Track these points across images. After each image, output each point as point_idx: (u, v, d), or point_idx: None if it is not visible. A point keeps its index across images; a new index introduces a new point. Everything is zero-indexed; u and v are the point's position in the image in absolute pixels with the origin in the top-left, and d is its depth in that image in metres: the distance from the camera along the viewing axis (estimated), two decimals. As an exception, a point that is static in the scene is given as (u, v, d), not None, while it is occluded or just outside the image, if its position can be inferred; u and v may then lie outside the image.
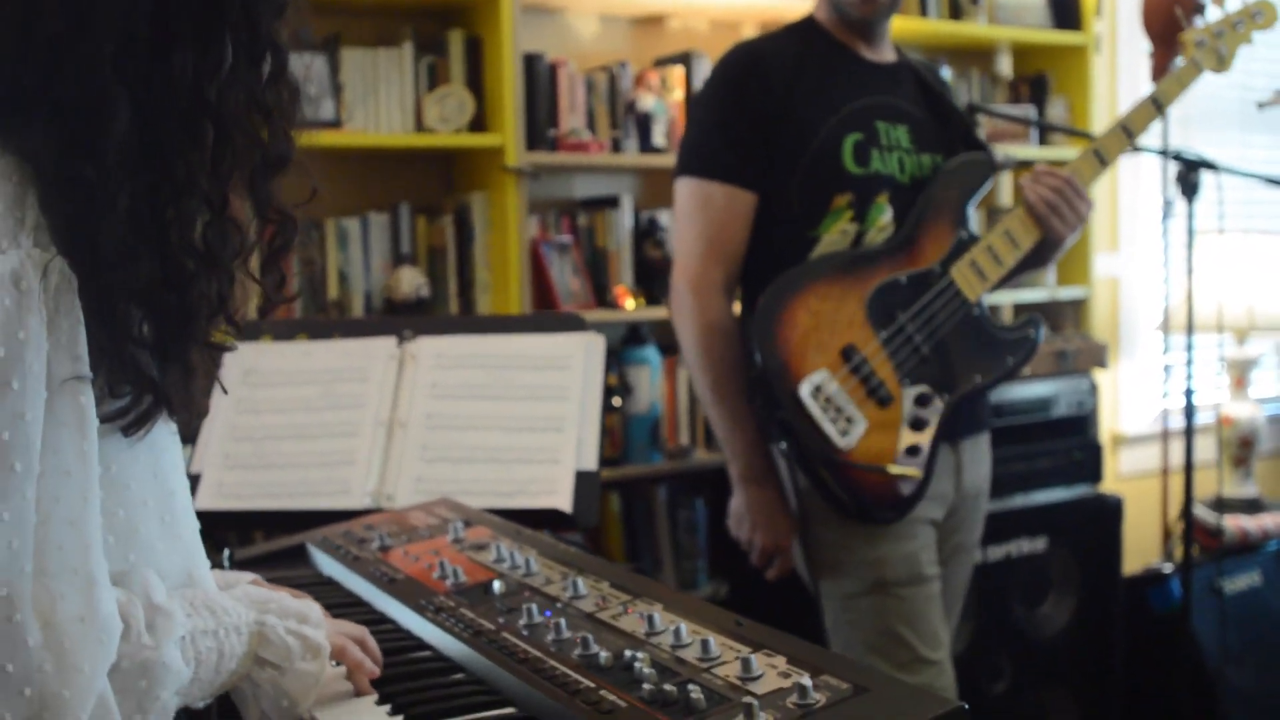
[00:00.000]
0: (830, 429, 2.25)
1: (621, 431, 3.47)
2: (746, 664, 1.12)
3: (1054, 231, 2.45)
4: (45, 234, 0.98)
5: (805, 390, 2.25)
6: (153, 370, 1.04)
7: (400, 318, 3.00)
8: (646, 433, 3.50)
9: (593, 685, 1.15)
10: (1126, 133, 2.52)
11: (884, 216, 2.41)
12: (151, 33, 1.00)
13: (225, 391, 1.17)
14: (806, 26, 2.50)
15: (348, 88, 3.14)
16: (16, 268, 0.96)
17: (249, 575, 1.37)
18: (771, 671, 1.12)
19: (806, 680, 1.06)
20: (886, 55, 2.51)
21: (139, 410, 1.04)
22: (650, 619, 1.26)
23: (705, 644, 1.18)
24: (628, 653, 1.19)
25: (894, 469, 2.27)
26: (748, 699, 1.05)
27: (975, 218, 2.52)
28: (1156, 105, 2.54)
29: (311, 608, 1.23)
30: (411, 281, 3.18)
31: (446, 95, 3.21)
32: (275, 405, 2.14)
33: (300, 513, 2.04)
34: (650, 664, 1.17)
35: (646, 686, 1.11)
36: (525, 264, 3.27)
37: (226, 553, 1.76)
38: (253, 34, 1.04)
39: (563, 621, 1.29)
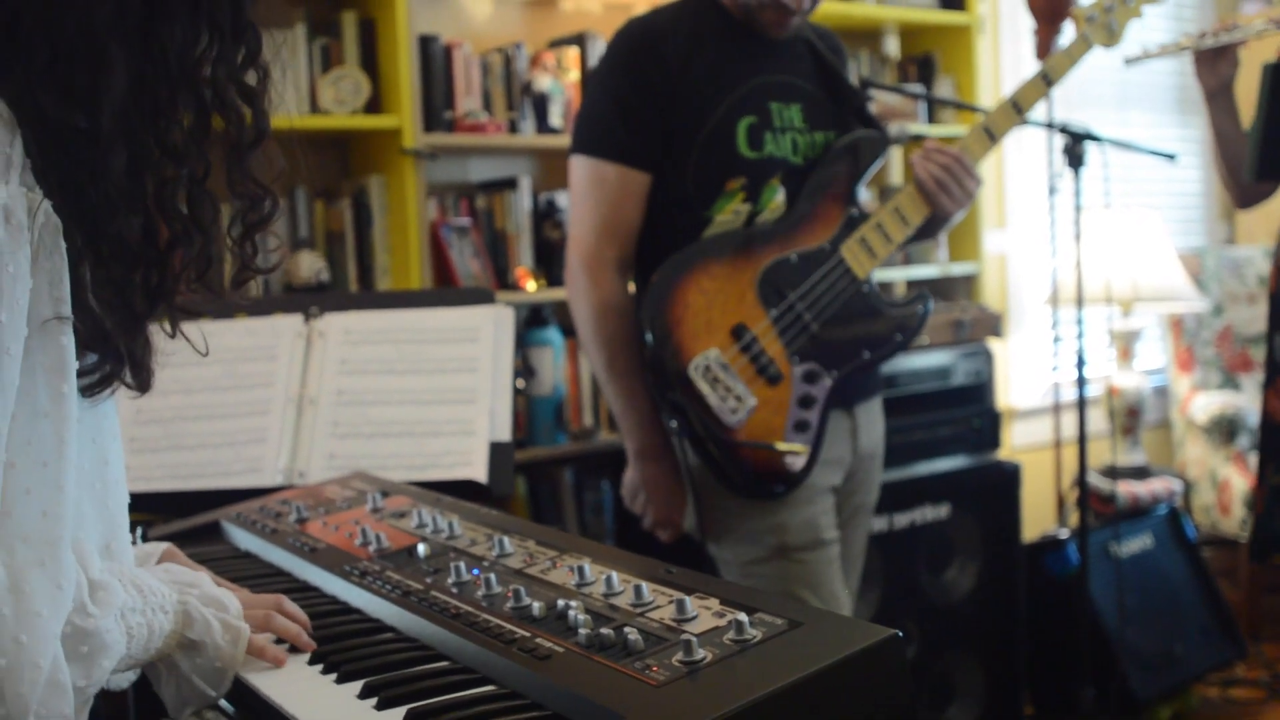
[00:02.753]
0: (720, 407, 2.27)
1: (525, 413, 3.47)
2: (681, 606, 1.13)
3: (942, 208, 2.47)
4: (30, 176, 0.97)
5: (695, 369, 2.27)
6: (122, 331, 1.03)
7: (307, 294, 2.96)
8: (551, 414, 3.50)
9: (528, 634, 1.15)
10: (1016, 108, 2.53)
11: (777, 197, 2.43)
12: (144, 1, 1.01)
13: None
14: (701, 1, 2.46)
15: (240, 71, 3.09)
16: (7, 202, 0.94)
17: (164, 545, 1.35)
18: (706, 612, 1.13)
19: (742, 617, 1.08)
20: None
21: (103, 371, 1.03)
22: (580, 570, 1.26)
23: (638, 590, 1.18)
24: (561, 602, 1.20)
25: (782, 445, 2.30)
26: (685, 637, 1.06)
27: (867, 195, 2.54)
28: (1046, 80, 2.55)
29: (230, 599, 1.23)
30: (311, 266, 3.15)
31: (341, 77, 3.18)
32: (182, 386, 2.10)
33: (209, 493, 2.00)
34: (584, 611, 1.17)
35: (583, 632, 1.12)
36: (425, 247, 3.25)
37: (139, 530, 1.73)
38: (236, 14, 1.07)
39: (492, 577, 1.29)
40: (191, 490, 2.00)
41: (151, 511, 2.20)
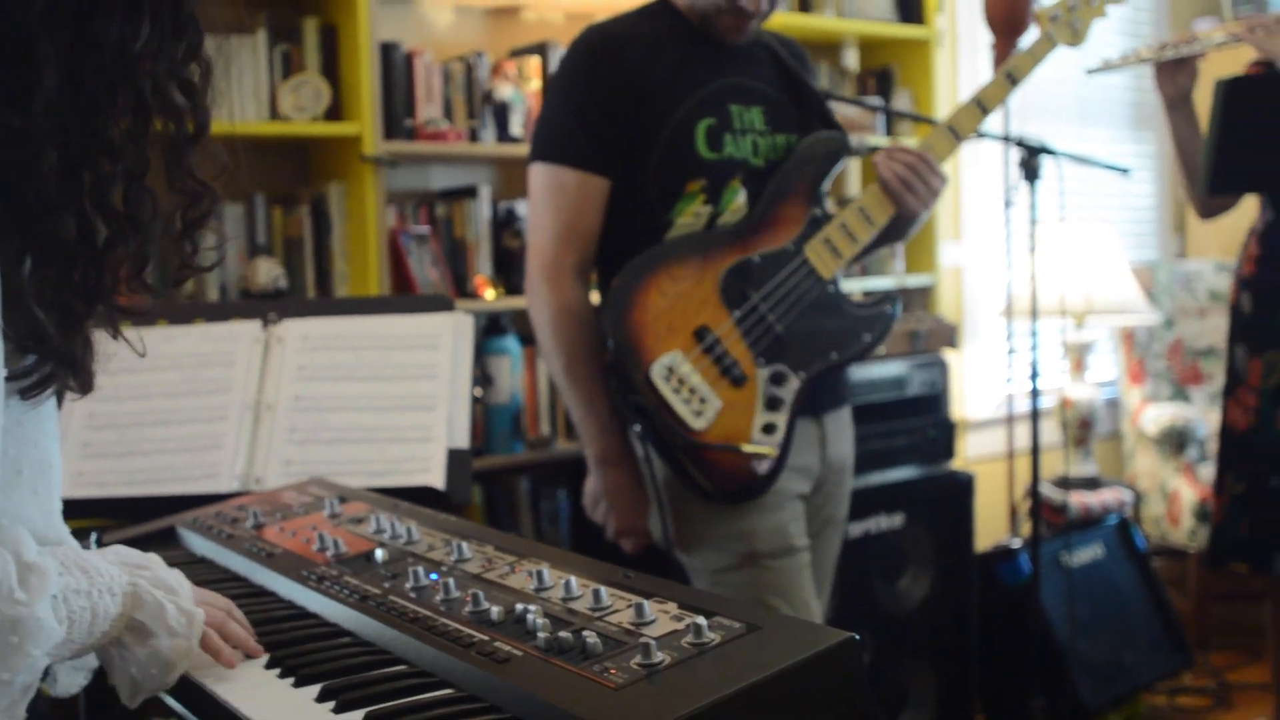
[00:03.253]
0: (684, 410, 2.27)
1: (483, 422, 3.47)
2: (639, 610, 1.14)
3: (908, 207, 2.48)
4: None
5: (657, 372, 2.27)
6: (61, 332, 1.02)
7: (265, 301, 2.96)
8: (508, 423, 3.49)
9: (486, 638, 1.16)
10: (980, 107, 2.54)
11: (738, 199, 2.42)
12: None
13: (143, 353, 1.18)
14: (660, 8, 2.48)
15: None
16: None
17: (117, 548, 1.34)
18: (664, 616, 1.13)
19: (700, 620, 1.08)
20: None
21: (42, 372, 1.02)
22: (539, 575, 1.27)
23: (597, 594, 1.19)
24: (519, 607, 1.20)
25: (748, 448, 2.29)
26: (644, 640, 1.06)
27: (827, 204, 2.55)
28: (1010, 79, 2.56)
29: (182, 582, 1.21)
30: (269, 273, 3.14)
31: (302, 84, 3.17)
32: (138, 391, 2.09)
33: (164, 499, 1.99)
34: (543, 615, 1.17)
35: (542, 635, 1.12)
36: (384, 255, 3.25)
37: (94, 535, 1.72)
38: (175, 9, 1.05)
39: (450, 582, 1.29)
40: (147, 496, 1.99)
41: (106, 517, 2.19)
